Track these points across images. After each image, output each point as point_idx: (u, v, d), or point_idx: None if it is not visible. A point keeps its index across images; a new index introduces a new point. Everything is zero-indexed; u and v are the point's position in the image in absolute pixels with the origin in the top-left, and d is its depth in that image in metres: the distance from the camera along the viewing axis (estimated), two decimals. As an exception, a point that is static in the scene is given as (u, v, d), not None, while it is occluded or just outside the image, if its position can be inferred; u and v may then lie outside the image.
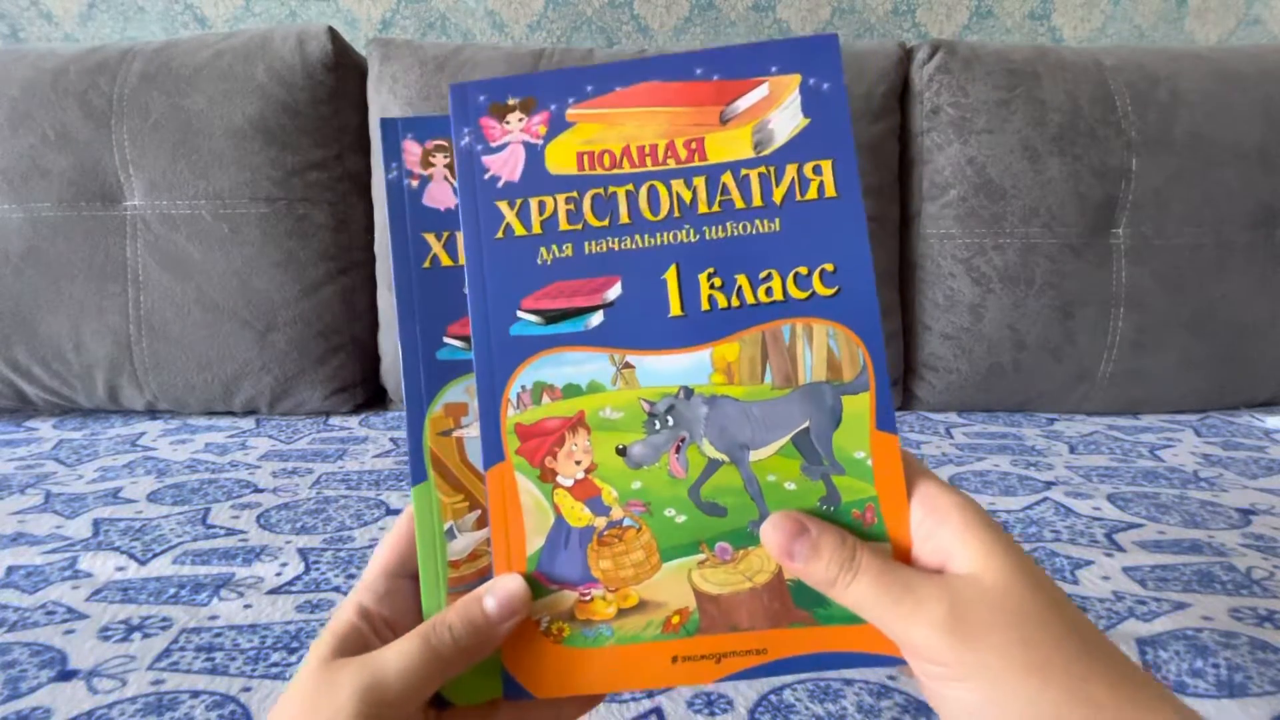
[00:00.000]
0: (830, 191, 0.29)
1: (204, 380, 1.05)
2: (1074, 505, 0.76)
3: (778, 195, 0.29)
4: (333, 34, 1.10)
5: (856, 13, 1.39)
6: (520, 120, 0.30)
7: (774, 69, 0.30)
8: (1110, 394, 1.09)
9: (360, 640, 0.28)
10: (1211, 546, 0.67)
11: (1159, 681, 0.26)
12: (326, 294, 1.08)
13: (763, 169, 0.29)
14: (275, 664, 0.50)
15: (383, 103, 1.09)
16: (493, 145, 0.30)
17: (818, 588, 0.28)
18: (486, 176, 0.30)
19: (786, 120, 0.30)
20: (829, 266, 0.29)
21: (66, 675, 0.48)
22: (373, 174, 1.12)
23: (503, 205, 0.30)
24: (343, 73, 1.10)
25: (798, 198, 0.29)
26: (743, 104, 0.30)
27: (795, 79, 0.30)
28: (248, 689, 0.47)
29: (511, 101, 0.30)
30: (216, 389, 1.06)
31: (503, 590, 0.29)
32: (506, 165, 0.30)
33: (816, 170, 0.29)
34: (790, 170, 0.29)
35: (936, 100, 1.09)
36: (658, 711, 0.45)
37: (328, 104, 1.09)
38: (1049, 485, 0.82)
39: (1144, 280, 1.06)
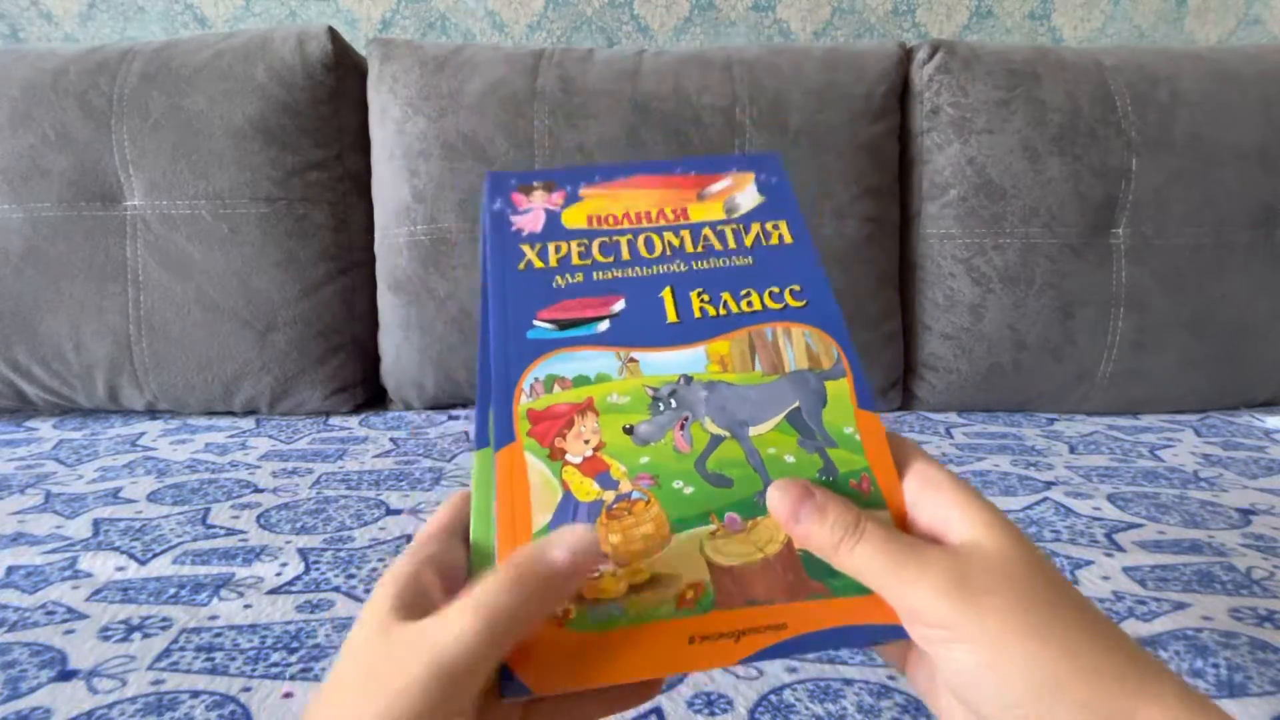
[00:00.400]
0: (788, 239, 0.37)
1: (204, 380, 1.05)
2: (1074, 505, 0.76)
3: (748, 241, 0.37)
4: (333, 34, 1.10)
5: (856, 13, 1.39)
6: (543, 196, 0.38)
7: (734, 169, 0.39)
8: (1110, 394, 1.09)
9: (422, 596, 0.27)
10: (1211, 546, 0.67)
11: (1156, 657, 0.26)
12: (326, 294, 1.08)
13: (734, 225, 0.37)
14: (275, 664, 0.50)
15: (383, 103, 1.09)
16: (519, 209, 0.38)
17: (821, 553, 0.29)
18: (513, 229, 0.37)
19: (748, 198, 0.38)
20: (796, 287, 0.36)
21: (66, 675, 0.48)
22: (373, 174, 1.12)
23: (525, 247, 0.36)
24: (343, 73, 1.10)
25: (764, 243, 0.37)
26: (713, 189, 0.39)
27: (750, 175, 0.39)
28: (248, 689, 0.47)
29: (535, 184, 0.38)
30: (216, 389, 1.06)
31: (572, 538, 0.27)
32: (529, 222, 0.37)
33: (775, 226, 0.38)
34: (755, 226, 0.38)
35: (936, 100, 1.09)
36: (658, 712, 0.45)
37: (328, 104, 1.09)
38: (1049, 485, 0.82)
39: (1144, 280, 1.06)
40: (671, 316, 0.34)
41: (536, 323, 0.34)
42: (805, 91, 1.07)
